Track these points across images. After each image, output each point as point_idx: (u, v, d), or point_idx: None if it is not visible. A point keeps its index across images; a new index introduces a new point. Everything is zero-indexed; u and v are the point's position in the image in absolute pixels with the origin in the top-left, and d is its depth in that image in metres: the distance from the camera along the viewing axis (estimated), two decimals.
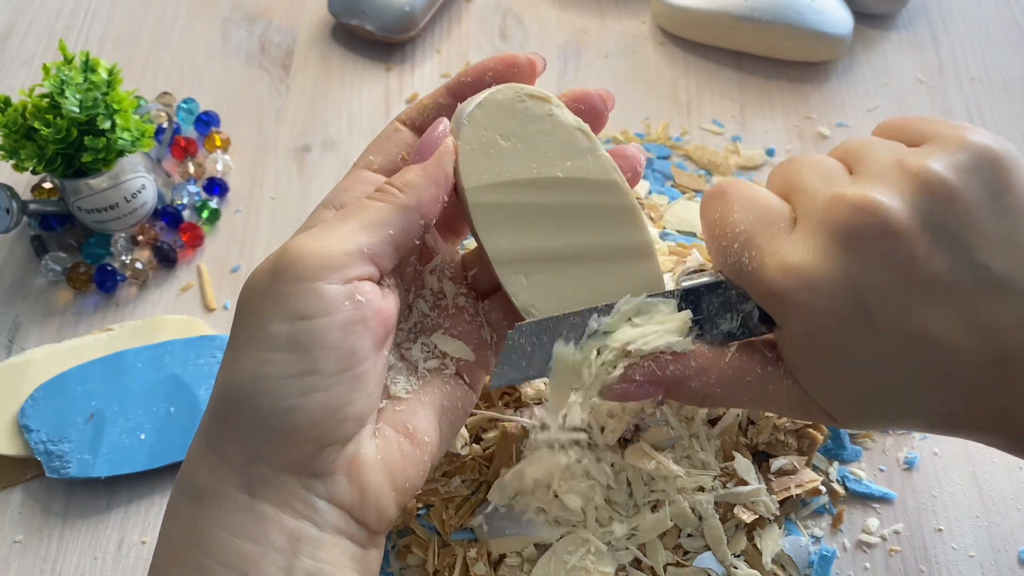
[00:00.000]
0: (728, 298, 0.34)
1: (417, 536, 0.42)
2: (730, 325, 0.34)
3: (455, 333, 0.36)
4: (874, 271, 0.30)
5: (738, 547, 0.40)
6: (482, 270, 0.38)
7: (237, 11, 0.66)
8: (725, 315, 0.34)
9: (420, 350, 0.35)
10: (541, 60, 0.37)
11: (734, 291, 0.34)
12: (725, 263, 0.34)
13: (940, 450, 0.46)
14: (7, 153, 0.49)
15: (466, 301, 0.37)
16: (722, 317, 0.34)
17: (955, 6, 0.66)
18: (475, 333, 0.37)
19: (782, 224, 0.33)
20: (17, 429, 0.45)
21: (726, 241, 0.33)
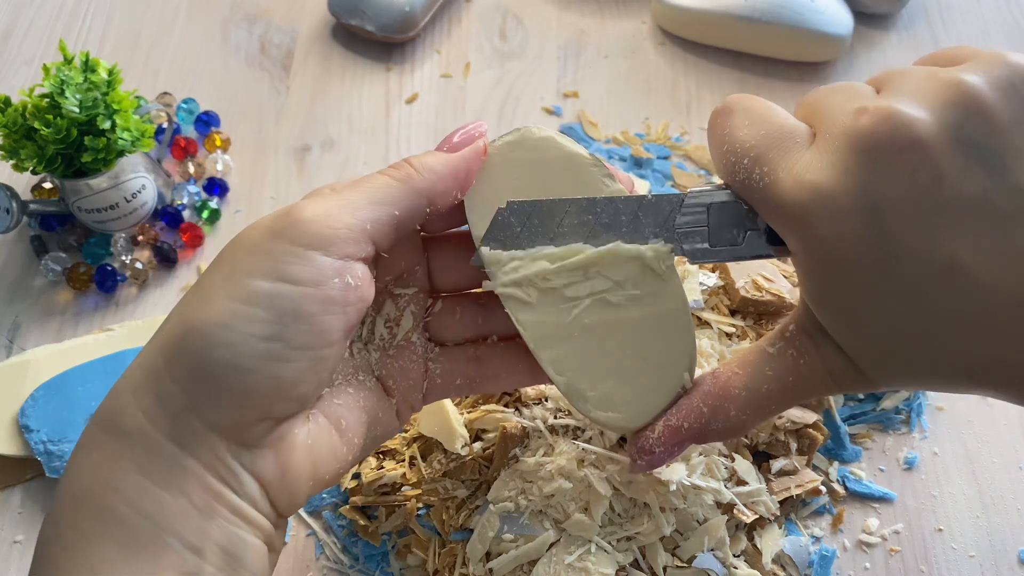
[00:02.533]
0: (737, 212, 0.32)
1: (417, 536, 0.42)
2: (738, 240, 0.33)
3: (397, 365, 0.35)
4: (898, 188, 0.28)
5: (738, 547, 0.40)
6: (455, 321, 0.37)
7: (237, 11, 0.66)
8: (733, 230, 0.32)
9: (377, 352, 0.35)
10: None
11: (744, 205, 0.32)
12: (733, 180, 0.31)
13: (940, 450, 0.46)
14: (7, 153, 0.48)
15: (418, 339, 0.36)
16: (731, 231, 0.32)
17: (955, 6, 0.66)
18: (415, 370, 0.35)
19: (798, 140, 0.30)
20: (17, 429, 0.45)
21: (735, 156, 0.31)
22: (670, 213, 0.33)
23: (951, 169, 0.27)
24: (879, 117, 0.28)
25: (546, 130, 0.34)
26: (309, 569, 0.43)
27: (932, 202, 0.28)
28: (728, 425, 0.33)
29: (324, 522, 0.44)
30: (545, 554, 0.39)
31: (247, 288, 0.28)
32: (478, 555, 0.39)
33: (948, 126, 0.28)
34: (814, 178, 0.29)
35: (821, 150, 0.29)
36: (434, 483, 0.41)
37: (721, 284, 0.46)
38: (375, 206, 0.31)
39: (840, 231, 0.28)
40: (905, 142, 0.28)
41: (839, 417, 0.46)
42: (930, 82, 0.29)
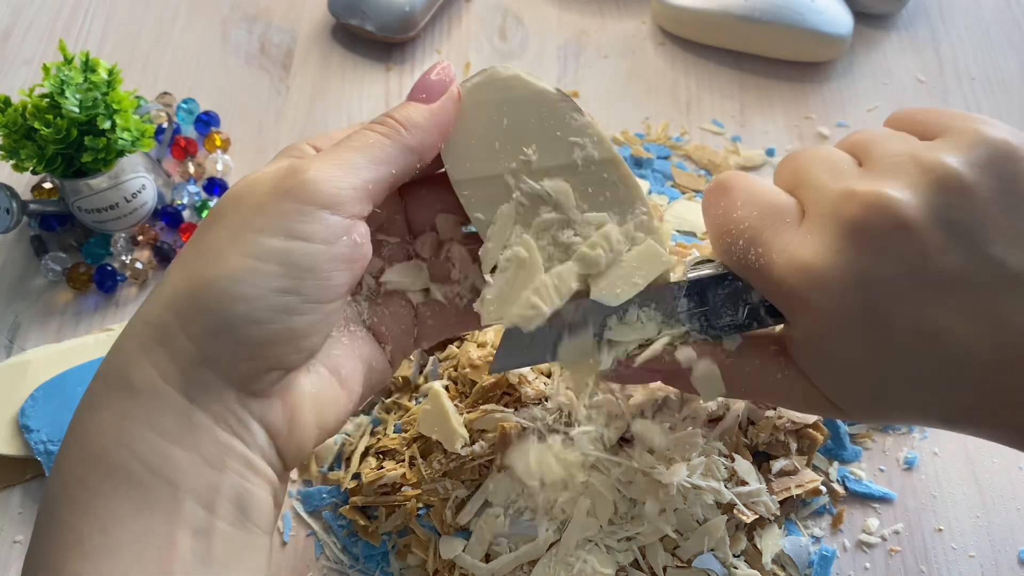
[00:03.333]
0: (735, 289, 0.34)
1: (417, 536, 0.42)
2: (737, 317, 0.34)
3: (388, 312, 0.36)
4: (886, 268, 0.30)
5: (738, 547, 0.40)
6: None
7: (237, 11, 0.66)
8: (732, 306, 0.34)
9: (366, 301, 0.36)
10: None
11: (740, 283, 0.34)
12: (730, 259, 0.33)
13: (940, 450, 0.46)
14: (7, 153, 0.48)
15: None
16: (729, 308, 0.34)
17: (955, 6, 0.66)
18: (406, 315, 0.37)
19: (788, 219, 0.32)
20: (17, 429, 0.45)
21: (731, 237, 0.33)
22: (672, 299, 0.34)
23: (935, 247, 0.30)
24: (867, 203, 0.30)
25: (512, 68, 0.35)
26: (309, 569, 0.43)
27: (918, 278, 0.30)
28: None
29: (324, 522, 0.44)
30: (545, 555, 0.39)
31: (260, 245, 0.29)
32: (478, 556, 0.39)
33: (932, 208, 0.30)
34: (807, 259, 0.31)
35: (812, 231, 0.31)
36: (434, 483, 0.41)
37: None
38: (375, 166, 0.32)
39: (834, 307, 0.30)
40: (892, 226, 0.30)
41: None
42: (913, 163, 0.31)
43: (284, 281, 0.29)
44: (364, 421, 0.46)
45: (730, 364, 0.34)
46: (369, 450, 0.44)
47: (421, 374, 0.47)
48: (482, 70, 0.35)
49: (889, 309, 0.30)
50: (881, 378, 0.31)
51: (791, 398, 0.34)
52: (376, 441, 0.45)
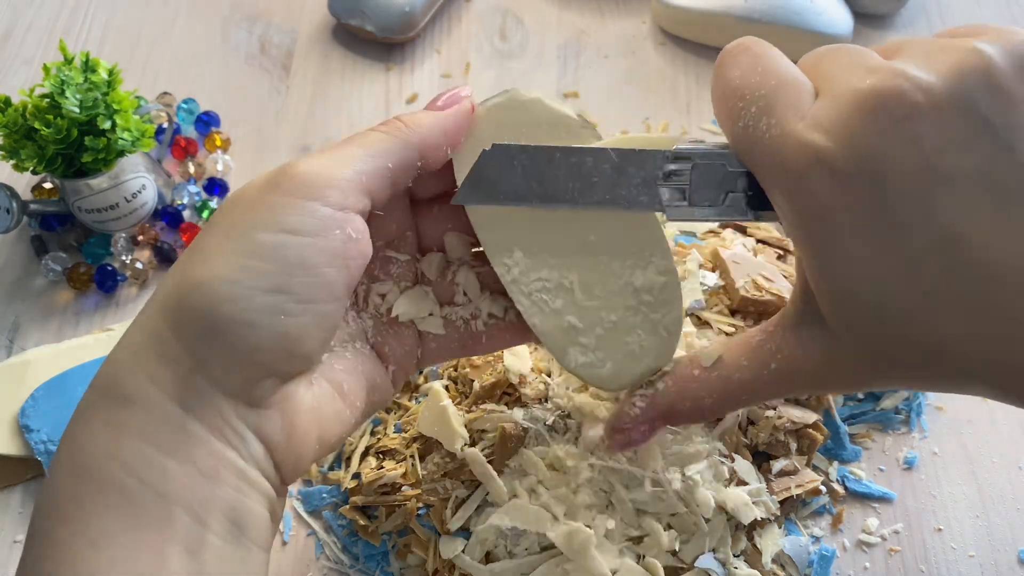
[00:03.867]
0: (721, 172, 0.32)
1: (417, 536, 0.42)
2: (717, 200, 0.32)
3: (392, 331, 0.35)
4: (901, 154, 0.27)
5: (738, 547, 0.40)
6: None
7: (237, 11, 0.66)
8: (713, 190, 0.32)
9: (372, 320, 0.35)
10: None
11: (728, 166, 0.32)
12: (735, 127, 0.30)
13: (940, 450, 0.46)
14: (7, 153, 0.49)
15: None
16: (712, 190, 0.32)
17: (955, 6, 0.66)
18: (410, 337, 0.36)
19: (805, 94, 0.29)
20: (17, 429, 0.45)
21: (743, 102, 0.30)
22: (654, 168, 0.32)
23: (957, 138, 0.27)
24: (888, 77, 0.27)
25: (534, 92, 0.34)
26: (309, 569, 0.43)
27: (935, 171, 0.27)
28: (697, 407, 0.33)
29: (324, 522, 0.44)
30: (546, 556, 0.39)
31: (249, 241, 0.28)
32: (477, 556, 0.39)
33: (959, 93, 0.27)
34: (816, 137, 0.28)
35: (828, 107, 0.28)
36: (434, 483, 0.41)
37: (721, 284, 0.46)
38: (369, 158, 0.31)
39: (838, 194, 0.27)
40: (912, 106, 0.27)
41: (839, 417, 0.46)
42: (944, 48, 0.28)
43: (274, 279, 0.28)
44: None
45: (716, 378, 0.33)
46: (369, 450, 0.44)
47: (421, 374, 0.47)
48: (503, 91, 0.34)
49: (901, 200, 0.27)
50: (890, 294, 0.28)
51: (795, 378, 0.32)
52: (376, 441, 0.45)
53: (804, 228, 0.29)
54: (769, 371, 0.32)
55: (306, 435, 0.30)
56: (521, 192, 0.33)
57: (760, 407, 0.43)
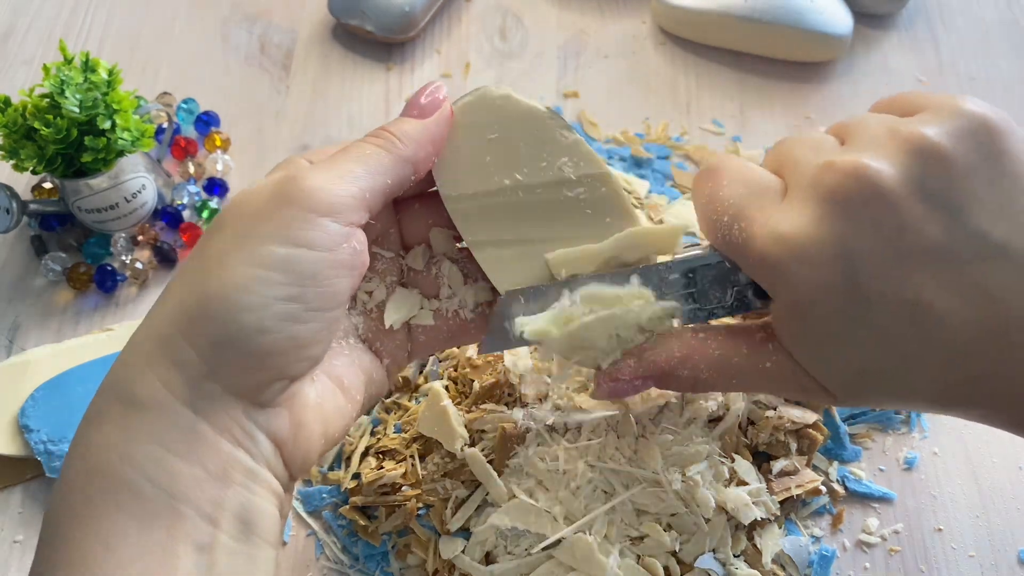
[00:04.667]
0: (722, 271, 0.34)
1: (417, 536, 0.42)
2: (725, 299, 0.34)
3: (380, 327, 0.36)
4: (865, 238, 0.30)
5: (738, 547, 0.40)
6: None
7: (237, 11, 0.66)
8: (720, 288, 0.34)
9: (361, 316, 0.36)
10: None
11: (727, 264, 0.34)
12: (716, 237, 0.33)
13: (940, 450, 0.46)
14: (7, 153, 0.48)
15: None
16: (717, 290, 0.34)
17: (955, 6, 0.66)
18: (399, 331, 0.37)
19: (771, 195, 0.32)
20: (17, 429, 0.45)
21: (716, 215, 0.33)
22: (661, 280, 0.35)
23: (914, 217, 0.29)
24: (845, 171, 0.30)
25: (504, 88, 0.35)
26: (309, 569, 0.43)
27: (897, 249, 0.30)
28: (692, 377, 0.34)
29: (324, 522, 0.44)
30: (545, 556, 0.39)
31: (264, 253, 0.29)
32: (477, 557, 0.39)
33: (910, 177, 0.30)
34: (787, 230, 0.31)
35: (792, 203, 0.31)
36: (434, 483, 0.41)
37: None
38: (371, 176, 0.32)
39: (813, 278, 0.30)
40: (870, 194, 0.29)
41: (839, 417, 0.46)
42: (891, 135, 0.31)
43: (288, 289, 0.29)
44: (364, 421, 0.46)
45: (717, 357, 0.34)
46: (369, 450, 0.44)
47: (421, 374, 0.47)
48: (474, 89, 0.35)
49: (870, 281, 0.30)
50: (867, 356, 0.31)
51: (784, 385, 0.34)
52: (376, 441, 0.45)
53: (786, 310, 0.32)
54: (764, 368, 0.33)
55: (312, 430, 0.31)
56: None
57: (760, 407, 0.43)
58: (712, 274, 0.34)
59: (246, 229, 0.30)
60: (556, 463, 0.39)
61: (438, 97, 0.35)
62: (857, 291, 0.30)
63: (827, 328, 0.31)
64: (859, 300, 0.30)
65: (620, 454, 0.39)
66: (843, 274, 0.30)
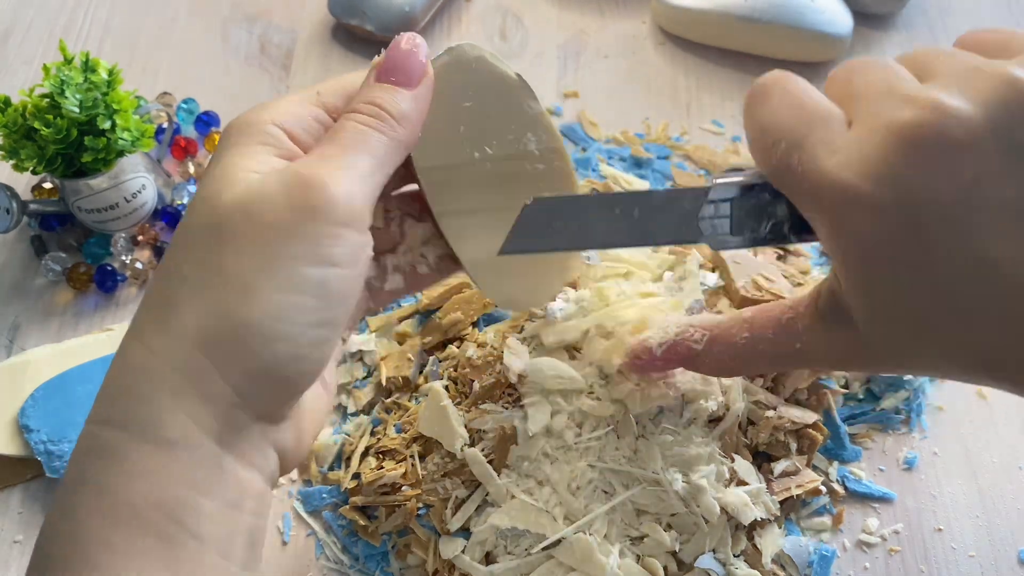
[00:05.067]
0: (760, 202, 0.32)
1: (417, 536, 0.42)
2: (759, 231, 0.33)
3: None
4: (938, 187, 0.27)
5: (738, 547, 0.40)
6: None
7: (237, 11, 0.66)
8: (755, 219, 0.33)
9: None
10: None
11: (768, 194, 0.32)
12: (768, 163, 0.31)
13: (940, 450, 0.46)
14: (7, 153, 0.48)
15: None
16: (752, 221, 0.33)
17: (955, 6, 0.66)
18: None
19: (836, 126, 0.29)
20: (17, 429, 0.45)
21: (772, 139, 0.30)
22: (694, 206, 0.33)
23: (994, 169, 0.27)
24: (926, 111, 0.27)
25: (478, 48, 0.35)
26: (309, 569, 0.43)
27: (970, 201, 0.27)
28: (717, 364, 0.35)
29: (324, 522, 0.44)
30: (545, 556, 0.39)
31: (295, 276, 0.28)
32: (477, 557, 0.39)
33: (996, 126, 0.27)
34: (852, 170, 0.28)
35: (861, 140, 0.28)
36: (434, 483, 0.41)
37: (721, 284, 0.46)
38: (379, 171, 0.31)
39: (875, 226, 0.28)
40: (951, 140, 0.27)
41: (839, 417, 0.46)
42: (978, 75, 0.28)
43: (321, 314, 0.28)
44: (364, 421, 0.46)
45: (743, 344, 0.33)
46: (369, 450, 0.44)
47: (421, 374, 0.47)
48: (448, 48, 0.35)
49: (937, 235, 0.27)
50: (922, 307, 0.29)
51: (815, 361, 0.33)
52: (376, 441, 0.45)
53: (842, 254, 0.29)
54: (793, 349, 0.33)
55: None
56: (565, 239, 0.34)
57: (760, 407, 0.43)
58: (750, 204, 0.32)
59: (271, 247, 0.28)
60: (556, 463, 0.39)
61: (420, 59, 0.32)
62: (921, 240, 0.27)
63: (885, 277, 0.29)
64: (922, 249, 0.28)
65: (620, 454, 0.39)
66: (907, 225, 0.27)
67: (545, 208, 0.34)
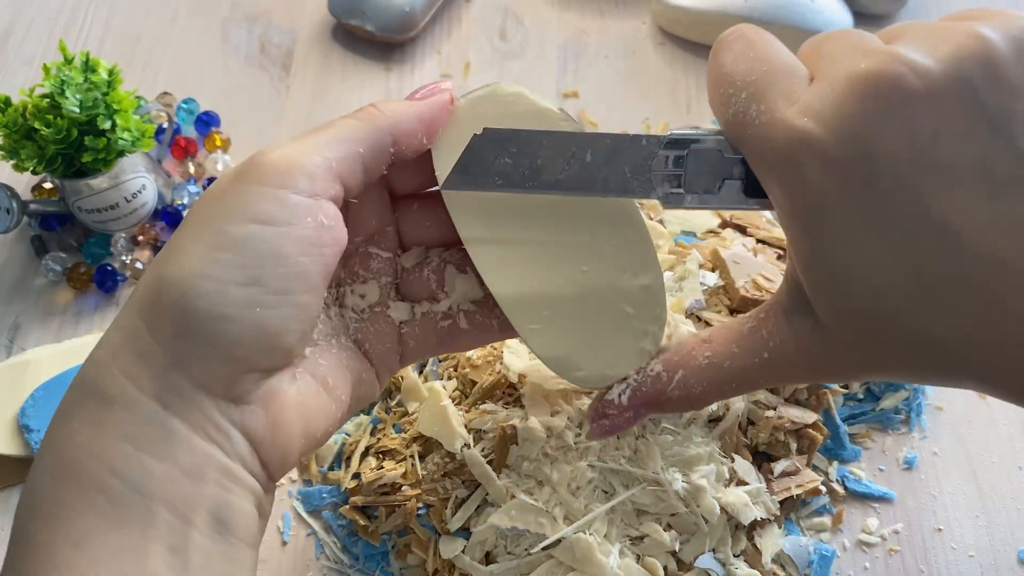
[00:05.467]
0: (715, 159, 0.31)
1: (417, 536, 0.42)
2: (712, 189, 0.32)
3: (373, 329, 0.35)
4: (894, 140, 0.26)
5: (738, 547, 0.40)
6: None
7: (237, 11, 0.66)
8: (709, 177, 0.32)
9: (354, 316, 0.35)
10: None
11: (725, 152, 0.31)
12: (726, 113, 0.30)
13: (940, 450, 0.46)
14: (7, 153, 0.49)
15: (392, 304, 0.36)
16: (705, 178, 0.32)
17: (955, 6, 0.66)
18: (390, 335, 0.35)
19: (799, 79, 0.29)
20: (17, 429, 0.45)
21: (733, 88, 0.30)
22: (648, 154, 0.32)
23: (953, 126, 0.26)
24: (883, 61, 0.26)
25: (516, 86, 0.34)
26: (309, 569, 0.43)
27: (928, 159, 0.26)
28: (686, 395, 0.32)
29: (324, 522, 0.44)
30: (545, 556, 0.39)
31: (219, 233, 0.28)
32: (477, 557, 0.39)
33: (957, 79, 0.26)
34: (809, 120, 0.27)
35: (820, 92, 0.27)
36: (434, 483, 0.41)
37: (721, 284, 0.46)
38: (339, 144, 0.30)
39: (829, 179, 0.27)
40: (907, 91, 0.26)
41: (839, 417, 0.46)
42: (944, 32, 0.27)
43: (246, 271, 0.28)
44: (364, 421, 0.46)
45: (707, 366, 0.32)
46: (369, 450, 0.44)
47: (421, 374, 0.47)
48: (486, 84, 0.34)
49: (894, 191, 0.26)
50: (881, 283, 0.27)
51: (787, 369, 0.31)
52: (376, 441, 0.45)
53: (795, 214, 0.28)
54: (761, 359, 0.31)
55: (291, 430, 0.30)
56: (511, 177, 0.32)
57: (760, 407, 0.43)
58: (706, 160, 0.31)
59: (205, 214, 0.29)
60: (556, 463, 0.39)
61: (438, 87, 0.33)
62: (878, 198, 0.26)
63: (840, 240, 0.27)
64: (879, 208, 0.26)
65: (620, 454, 0.39)
66: (865, 178, 0.26)
67: (494, 140, 0.32)
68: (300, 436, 0.30)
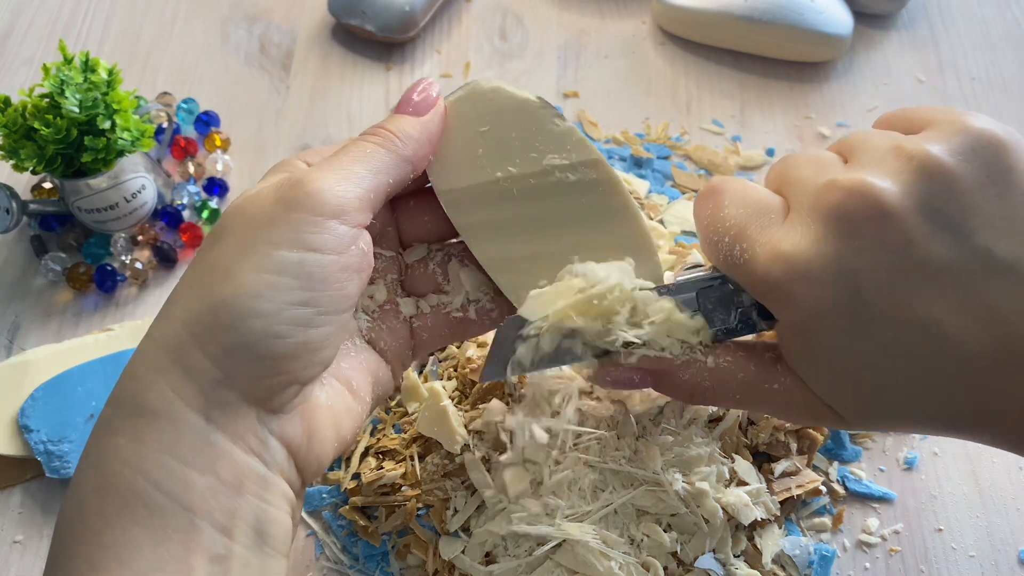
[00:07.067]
0: (725, 293, 0.34)
1: (417, 536, 0.42)
2: (729, 320, 0.34)
3: (385, 327, 0.36)
4: (868, 256, 0.29)
5: (738, 547, 0.40)
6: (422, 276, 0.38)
7: (237, 11, 0.66)
8: (724, 310, 0.34)
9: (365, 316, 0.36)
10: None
11: (731, 285, 0.34)
12: (718, 258, 0.33)
13: (940, 450, 0.46)
14: (7, 153, 0.48)
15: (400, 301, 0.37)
16: (721, 312, 0.34)
17: (955, 6, 0.66)
18: (402, 331, 0.37)
19: (773, 215, 0.32)
20: (17, 429, 0.45)
21: (717, 236, 0.33)
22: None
23: (918, 235, 0.29)
24: (847, 190, 0.30)
25: (494, 80, 0.35)
26: (309, 569, 0.43)
27: (902, 267, 0.29)
28: (692, 383, 0.34)
29: (324, 522, 0.44)
30: (545, 557, 0.39)
31: (274, 258, 0.29)
32: (477, 557, 0.39)
33: (914, 195, 0.30)
34: (789, 249, 0.30)
35: (795, 222, 0.31)
36: (434, 483, 0.41)
37: None
38: (373, 176, 0.32)
39: (817, 297, 0.30)
40: (874, 211, 0.29)
41: None
42: (895, 153, 0.31)
43: (300, 294, 0.29)
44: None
45: (724, 369, 0.34)
46: (369, 450, 0.44)
47: (421, 374, 0.47)
48: (464, 84, 0.35)
49: (875, 298, 0.30)
50: (874, 376, 0.31)
51: (791, 408, 0.34)
52: (376, 441, 0.45)
53: (793, 331, 0.32)
54: (771, 389, 0.33)
55: (325, 434, 0.31)
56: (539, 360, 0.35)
57: None
58: (716, 295, 0.34)
59: (253, 233, 0.30)
60: (556, 464, 0.39)
61: (431, 94, 0.35)
62: (862, 309, 0.30)
63: (834, 348, 0.31)
64: (864, 318, 0.30)
65: (620, 454, 0.39)
66: (847, 292, 0.30)
67: (515, 326, 0.34)
68: (332, 439, 0.32)
